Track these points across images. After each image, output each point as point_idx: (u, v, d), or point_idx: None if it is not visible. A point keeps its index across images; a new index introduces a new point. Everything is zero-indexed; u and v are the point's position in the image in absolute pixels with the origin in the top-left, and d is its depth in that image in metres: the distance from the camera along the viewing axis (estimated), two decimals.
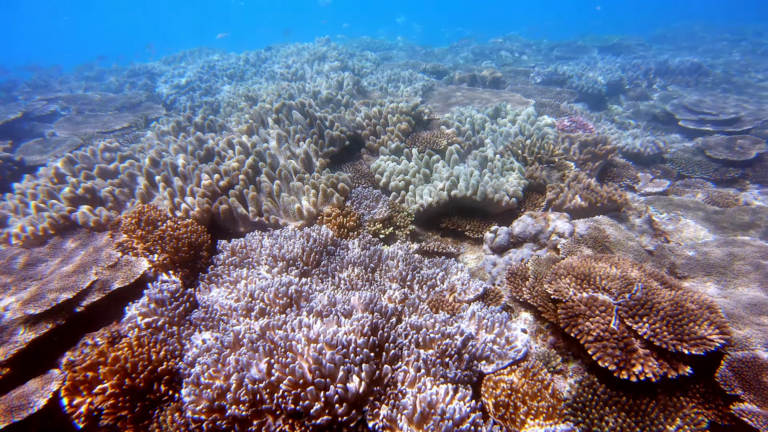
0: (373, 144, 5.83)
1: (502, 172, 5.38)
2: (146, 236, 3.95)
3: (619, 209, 5.46)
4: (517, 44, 15.94)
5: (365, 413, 2.78)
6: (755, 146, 7.20)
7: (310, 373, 2.61)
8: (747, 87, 11.26)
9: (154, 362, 3.18)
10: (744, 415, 3.06)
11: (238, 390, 2.66)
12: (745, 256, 4.51)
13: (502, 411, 3.21)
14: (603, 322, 3.45)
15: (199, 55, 11.48)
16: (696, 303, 3.53)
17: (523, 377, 3.38)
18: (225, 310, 3.49)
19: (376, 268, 4.13)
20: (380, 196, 4.89)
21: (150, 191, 4.52)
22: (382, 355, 2.87)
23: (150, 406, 3.16)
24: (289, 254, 3.90)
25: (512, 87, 9.92)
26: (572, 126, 7.16)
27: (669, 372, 3.23)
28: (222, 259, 4.08)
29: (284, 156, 5.13)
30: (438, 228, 5.26)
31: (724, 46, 16.17)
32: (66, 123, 8.06)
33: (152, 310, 3.52)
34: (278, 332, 2.87)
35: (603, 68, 11.33)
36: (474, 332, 3.55)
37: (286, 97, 6.66)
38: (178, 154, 4.97)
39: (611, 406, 3.30)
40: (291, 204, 4.40)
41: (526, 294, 3.98)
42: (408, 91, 7.72)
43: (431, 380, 2.88)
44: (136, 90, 9.61)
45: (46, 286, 3.69)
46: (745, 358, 3.38)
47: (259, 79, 8.90)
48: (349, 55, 9.88)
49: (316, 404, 2.56)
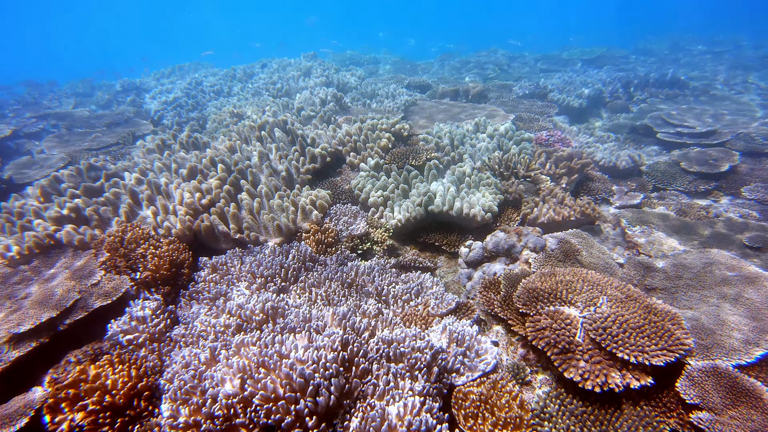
0: (354, 160, 6.00)
1: (479, 187, 5.56)
2: (129, 254, 4.07)
3: (593, 222, 5.65)
4: (502, 58, 16.29)
5: (336, 426, 2.91)
6: (728, 159, 7.45)
7: (281, 387, 2.73)
8: (724, 99, 11.60)
9: (134, 378, 3.28)
10: (702, 423, 3.22)
11: (213, 405, 2.77)
12: (713, 270, 4.70)
13: (471, 422, 3.34)
14: (568, 335, 3.60)
15: (188, 71, 11.65)
16: (659, 315, 3.70)
17: (492, 389, 3.52)
18: (204, 326, 3.61)
19: (352, 284, 4.26)
20: (358, 212, 5.04)
21: (134, 210, 4.64)
22: (352, 369, 3.00)
23: (130, 422, 3.25)
24: (268, 271, 4.03)
25: (495, 101, 10.17)
26: (550, 140, 7.39)
27: (632, 382, 3.38)
28: (203, 276, 4.20)
29: (266, 173, 5.27)
30: (416, 243, 5.41)
31: (707, 58, 16.60)
32: (55, 140, 8.16)
33: (133, 328, 3.63)
34: (252, 348, 2.99)
35: (584, 82, 11.63)
36: (445, 346, 3.69)
37: (269, 114, 6.82)
38: (162, 172, 5.11)
39: (577, 416, 3.44)
40: (271, 221, 4.54)
41: (497, 308, 4.13)
42: (390, 106, 7.91)
43: (399, 393, 3.01)
44: (124, 106, 9.74)
45: (30, 305, 3.78)
46: (704, 368, 3.54)
47: (246, 95, 9.07)
48: (335, 71, 10.09)
49: (288, 418, 2.68)
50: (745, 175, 7.29)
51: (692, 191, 7.07)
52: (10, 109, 9.40)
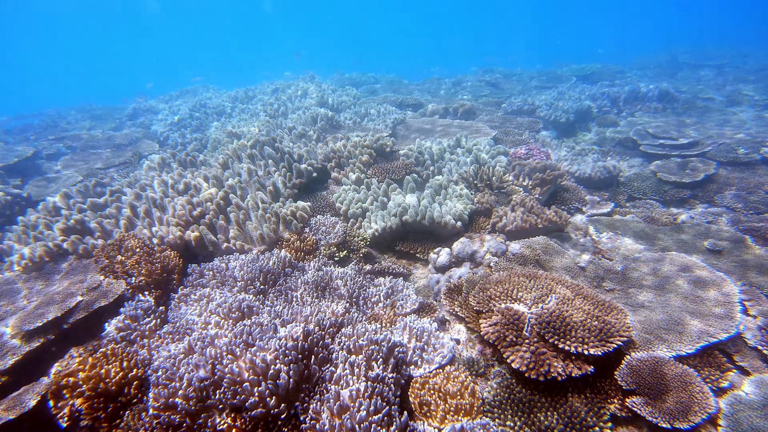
0: (338, 175, 6.46)
1: (452, 198, 5.95)
2: (125, 261, 4.55)
3: (561, 230, 5.98)
4: (499, 76, 16.79)
5: (297, 408, 3.29)
6: (704, 168, 7.72)
7: (246, 372, 3.14)
8: (711, 112, 11.83)
9: (125, 369, 3.72)
10: (635, 406, 3.52)
11: (188, 388, 3.18)
12: (669, 271, 4.99)
13: (425, 409, 3.68)
14: (516, 329, 3.95)
15: (194, 93, 12.39)
16: (605, 310, 4.03)
17: (446, 379, 3.86)
18: (189, 324, 4.04)
19: (326, 287, 4.67)
20: (337, 223, 5.47)
21: (132, 221, 5.15)
22: (311, 358, 3.39)
23: (121, 408, 3.68)
24: (248, 275, 4.46)
25: (482, 118, 10.60)
26: (529, 154, 7.76)
27: (573, 371, 3.70)
28: (191, 281, 4.65)
29: (254, 188, 5.76)
30: (394, 251, 5.80)
31: (703, 73, 16.78)
32: (70, 160, 8.83)
33: (126, 325, 4.08)
34: (224, 339, 3.41)
35: (573, 97, 12.01)
36: (406, 341, 4.05)
37: (262, 133, 7.36)
38: (159, 188, 5.63)
39: (525, 403, 3.75)
40: (254, 231, 5.00)
41: (458, 308, 4.49)
42: (380, 125, 8.40)
43: (354, 380, 3.38)
44: (134, 128, 10.44)
45: (39, 306, 4.28)
46: (641, 358, 3.84)
47: (245, 116, 9.67)
48: (331, 91, 10.67)
49: (251, 398, 3.07)
50: (722, 184, 7.52)
51: (667, 200, 7.33)
52: (32, 133, 10.17)
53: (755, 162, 7.86)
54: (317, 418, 3.15)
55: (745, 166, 7.90)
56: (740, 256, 5.27)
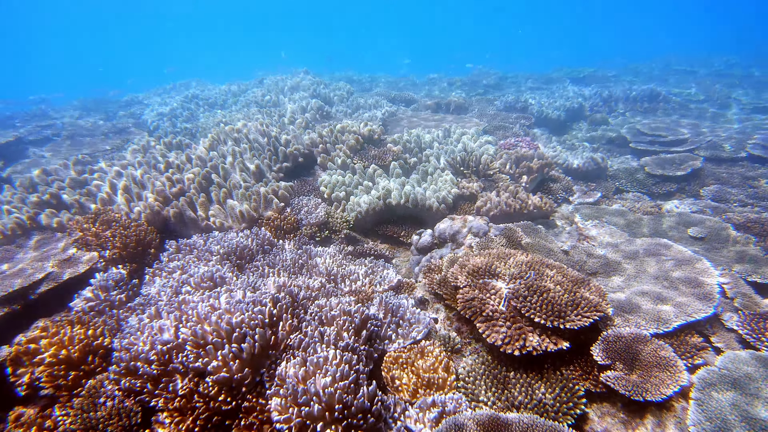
0: (324, 161, 6.41)
1: (437, 183, 5.90)
2: (100, 234, 4.47)
3: (547, 216, 5.93)
4: (493, 77, 16.86)
5: (263, 376, 3.20)
6: (691, 163, 7.73)
7: (209, 334, 3.05)
8: (701, 113, 11.89)
9: (91, 336, 3.62)
10: (609, 380, 3.44)
11: (150, 351, 3.09)
12: (651, 256, 4.94)
13: (397, 383, 3.59)
14: (493, 304, 3.87)
15: (187, 87, 12.37)
16: (584, 287, 3.96)
17: (420, 354, 3.78)
18: (160, 295, 3.95)
19: (304, 264, 4.59)
20: (319, 204, 5.41)
21: (111, 197, 5.07)
22: (279, 324, 3.31)
23: (84, 376, 3.57)
24: (224, 249, 4.39)
25: (475, 113, 10.60)
26: (517, 144, 7.73)
27: (549, 346, 3.63)
28: (167, 256, 4.57)
29: (238, 169, 5.70)
30: (378, 235, 5.73)
31: (694, 77, 16.92)
32: (56, 146, 8.76)
33: (96, 296, 3.99)
34: (191, 304, 3.32)
35: (565, 96, 12.04)
36: (381, 316, 3.97)
37: (249, 119, 7.32)
38: (141, 166, 5.57)
39: (500, 379, 3.67)
40: (234, 208, 4.93)
41: (436, 286, 4.41)
42: (368, 116, 8.38)
43: (324, 347, 3.29)
44: (125, 118, 10.40)
45: (5, 276, 4.18)
46: (616, 334, 3.77)
47: (237, 107, 9.64)
48: (324, 86, 10.67)
49: (214, 362, 2.98)
50: (707, 177, 7.55)
51: (654, 193, 7.32)
52: (20, 120, 10.11)
53: (741, 158, 7.94)
54: (282, 383, 3.06)
55: (731, 162, 7.96)
56: (722, 243, 5.24)
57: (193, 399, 2.96)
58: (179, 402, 2.95)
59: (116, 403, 3.11)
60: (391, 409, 3.23)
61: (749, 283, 4.51)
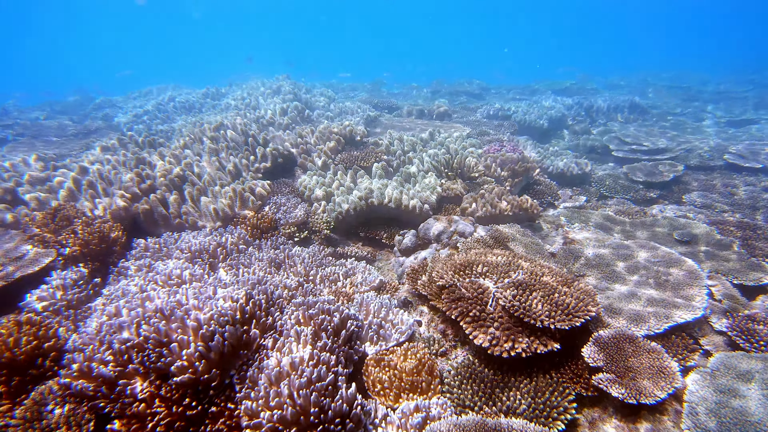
0: (305, 161, 6.20)
1: (421, 184, 5.75)
2: (59, 230, 4.14)
3: (533, 219, 5.83)
4: (476, 87, 17.01)
5: (233, 378, 2.93)
6: (673, 170, 7.82)
7: (173, 332, 2.78)
8: (679, 124, 12.17)
9: (41, 338, 3.28)
10: (601, 382, 3.28)
11: (106, 351, 2.80)
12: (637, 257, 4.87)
13: (379, 387, 3.36)
14: (480, 304, 3.69)
15: (164, 90, 12.05)
16: (572, 288, 3.82)
17: (403, 356, 3.55)
18: (124, 294, 3.65)
19: (281, 264, 4.35)
20: (299, 204, 5.19)
21: (74, 194, 4.75)
22: (252, 322, 3.05)
23: (32, 381, 3.23)
24: (195, 247, 4.11)
25: (457, 120, 10.58)
26: (502, 149, 7.68)
27: (538, 347, 3.45)
28: (134, 254, 4.26)
29: (213, 168, 5.44)
30: (359, 237, 5.52)
31: (671, 92, 17.44)
32: (19, 147, 8.31)
33: (51, 295, 3.66)
34: (156, 301, 3.04)
35: (548, 106, 12.17)
36: (363, 317, 3.75)
37: (226, 120, 7.08)
38: (109, 163, 5.25)
39: (486, 383, 3.47)
40: (208, 206, 4.66)
41: (420, 286, 4.22)
42: (350, 119, 8.23)
43: (300, 347, 3.05)
44: (97, 121, 10.00)
45: None
46: (608, 335, 3.63)
47: (214, 111, 9.38)
48: (305, 91, 10.51)
49: (178, 361, 2.71)
50: (688, 184, 7.66)
51: (638, 199, 7.35)
52: None
53: (718, 166, 8.10)
54: (253, 386, 2.80)
55: (709, 170, 8.11)
56: (706, 246, 5.23)
57: (154, 403, 2.67)
58: (137, 407, 2.65)
59: (65, 411, 2.78)
60: (371, 414, 2.99)
61: (735, 285, 4.48)
